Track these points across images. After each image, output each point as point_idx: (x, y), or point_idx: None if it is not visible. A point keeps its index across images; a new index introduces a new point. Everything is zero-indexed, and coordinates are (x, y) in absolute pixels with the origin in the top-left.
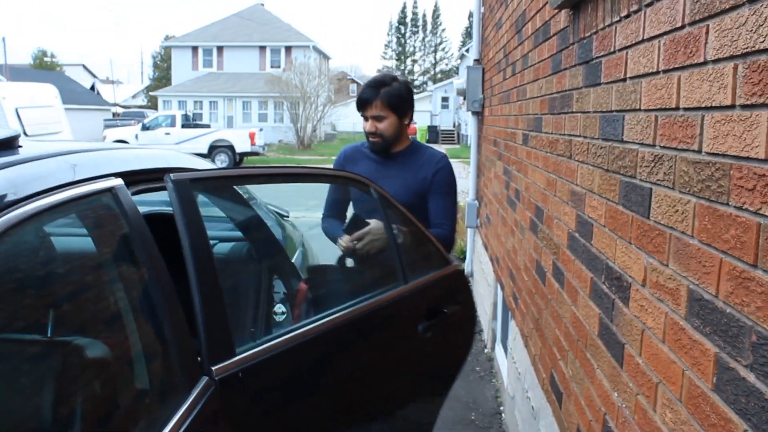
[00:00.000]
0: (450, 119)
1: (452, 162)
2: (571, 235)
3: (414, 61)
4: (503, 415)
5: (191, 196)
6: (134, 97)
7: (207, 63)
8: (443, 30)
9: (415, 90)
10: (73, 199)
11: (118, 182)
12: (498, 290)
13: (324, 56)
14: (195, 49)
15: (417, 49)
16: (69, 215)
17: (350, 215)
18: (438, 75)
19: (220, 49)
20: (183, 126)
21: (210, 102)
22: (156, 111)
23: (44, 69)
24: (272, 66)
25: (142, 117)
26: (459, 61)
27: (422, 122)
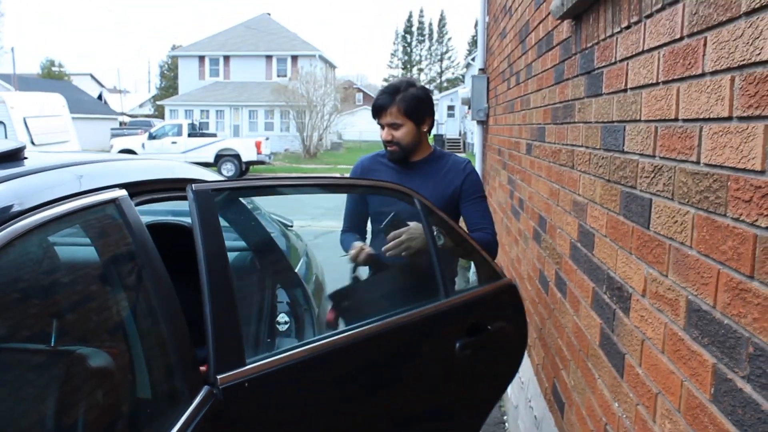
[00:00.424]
0: (456, 128)
1: None
2: (574, 245)
3: (420, 70)
4: (506, 425)
5: (212, 207)
6: (141, 107)
7: (214, 72)
8: (449, 39)
9: None
10: (77, 210)
11: (122, 193)
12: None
13: (330, 65)
14: (202, 59)
15: (423, 58)
16: (73, 226)
17: (390, 216)
18: (444, 84)
19: (227, 59)
20: (189, 135)
21: (216, 111)
22: (163, 120)
23: (52, 78)
24: (278, 75)
25: (149, 126)
26: (465, 70)
27: None
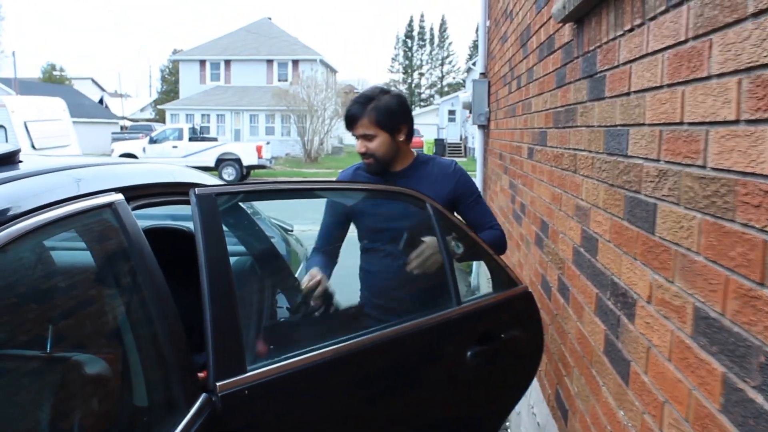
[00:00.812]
0: (457, 132)
1: None
2: (577, 250)
3: (421, 75)
4: (509, 431)
5: (215, 211)
6: (142, 111)
7: (215, 76)
8: (450, 43)
9: (422, 103)
10: (73, 215)
11: (119, 197)
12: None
13: (331, 69)
14: (203, 63)
15: (424, 63)
16: (69, 230)
17: (405, 234)
18: (445, 88)
19: (228, 63)
20: (190, 139)
21: (217, 115)
22: (164, 124)
23: (53, 83)
24: (279, 79)
25: (150, 130)
26: (466, 74)
27: (429, 135)
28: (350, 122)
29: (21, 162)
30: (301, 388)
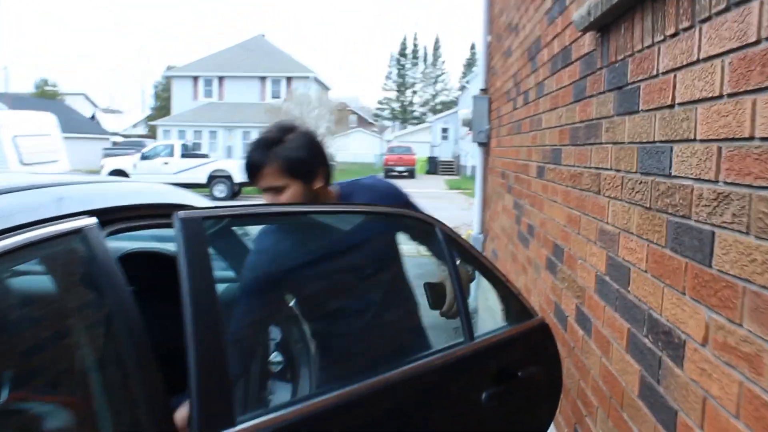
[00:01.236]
0: (450, 150)
1: (452, 193)
2: (601, 279)
3: (414, 93)
4: None
5: (201, 237)
6: (135, 127)
7: (207, 93)
8: (443, 62)
9: (415, 121)
10: (36, 242)
11: (90, 222)
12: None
13: (324, 87)
14: (196, 79)
15: (417, 81)
16: (30, 261)
17: (425, 287)
18: (438, 106)
19: (221, 79)
20: (182, 156)
21: (210, 132)
22: (156, 140)
23: (46, 98)
24: (273, 96)
25: (142, 146)
26: (459, 93)
27: (422, 153)
28: (252, 172)
29: None
30: None
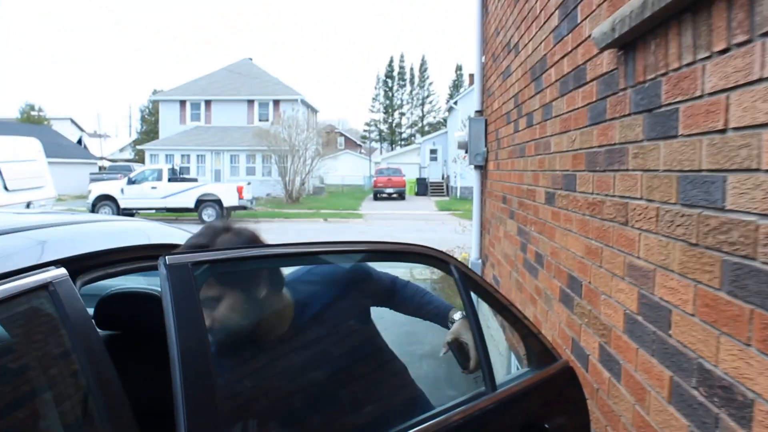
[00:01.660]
0: (439, 171)
1: (443, 215)
2: (631, 318)
3: (402, 114)
4: None
5: (190, 285)
6: (122, 151)
7: (195, 116)
8: (430, 83)
9: (403, 142)
10: None
11: (58, 274)
12: (512, 360)
13: (312, 109)
14: (183, 103)
15: (404, 102)
16: None
17: (446, 348)
18: (426, 127)
19: (208, 103)
20: (170, 180)
21: (198, 155)
22: (143, 165)
23: (31, 123)
24: (260, 119)
25: (129, 171)
26: (447, 114)
27: (411, 174)
28: None
29: None
30: None
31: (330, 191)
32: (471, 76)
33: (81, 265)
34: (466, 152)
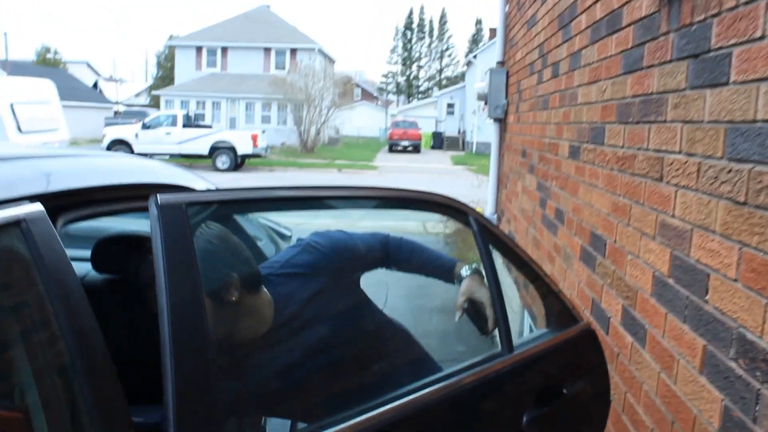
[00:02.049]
0: (455, 126)
1: (458, 168)
2: (661, 281)
3: (419, 67)
4: None
5: (184, 228)
6: (137, 96)
7: (211, 63)
8: (450, 36)
9: (420, 95)
10: None
11: (33, 210)
12: (526, 319)
13: (329, 59)
14: (199, 49)
15: (423, 55)
16: None
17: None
18: (443, 81)
19: (225, 50)
20: (184, 126)
21: (213, 102)
22: (158, 110)
23: (47, 65)
24: (277, 68)
25: (144, 116)
26: (465, 68)
27: (427, 128)
28: None
29: None
30: None
31: (345, 142)
32: (491, 31)
33: (64, 202)
34: (485, 104)
